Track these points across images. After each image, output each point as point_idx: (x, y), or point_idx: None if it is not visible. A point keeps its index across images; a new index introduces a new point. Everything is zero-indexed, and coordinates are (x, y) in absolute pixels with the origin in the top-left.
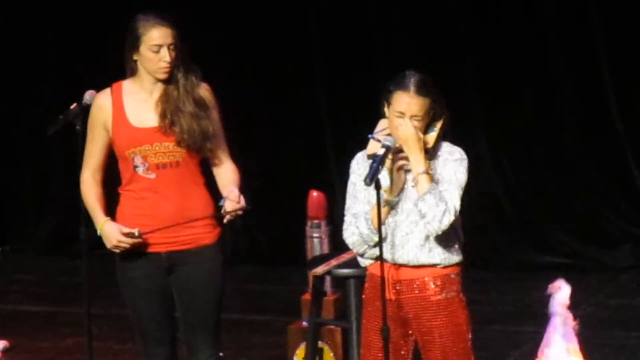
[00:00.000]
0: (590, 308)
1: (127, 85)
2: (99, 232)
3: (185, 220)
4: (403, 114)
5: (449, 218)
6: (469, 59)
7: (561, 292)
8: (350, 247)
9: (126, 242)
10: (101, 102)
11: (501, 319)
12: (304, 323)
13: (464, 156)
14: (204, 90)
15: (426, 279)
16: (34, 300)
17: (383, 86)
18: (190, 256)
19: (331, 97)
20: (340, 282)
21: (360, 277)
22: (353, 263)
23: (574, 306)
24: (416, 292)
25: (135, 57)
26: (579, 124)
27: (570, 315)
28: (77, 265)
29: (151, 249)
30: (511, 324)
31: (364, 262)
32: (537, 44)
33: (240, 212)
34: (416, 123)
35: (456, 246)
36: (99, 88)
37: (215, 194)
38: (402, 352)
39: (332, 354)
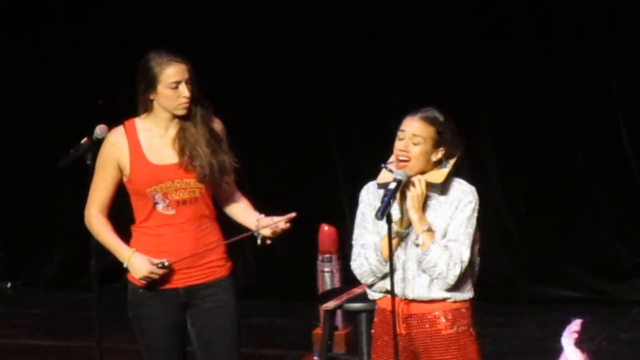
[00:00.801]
0: (602, 342)
1: (140, 123)
2: (125, 264)
3: (200, 253)
4: (404, 131)
5: (456, 272)
6: (479, 90)
7: (571, 327)
8: (358, 277)
9: (157, 272)
10: (115, 140)
11: (513, 353)
12: (316, 357)
13: (476, 196)
14: (216, 124)
15: (436, 313)
16: (44, 335)
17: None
18: (206, 289)
19: (342, 127)
20: (351, 316)
21: (372, 311)
22: (364, 297)
23: (586, 340)
24: (427, 326)
25: (152, 97)
26: (591, 157)
27: (582, 350)
28: (87, 298)
29: (168, 285)
30: (523, 358)
31: (373, 295)
32: (547, 75)
33: (280, 229)
34: (415, 147)
35: (469, 281)
36: (110, 123)
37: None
38: None
39: None
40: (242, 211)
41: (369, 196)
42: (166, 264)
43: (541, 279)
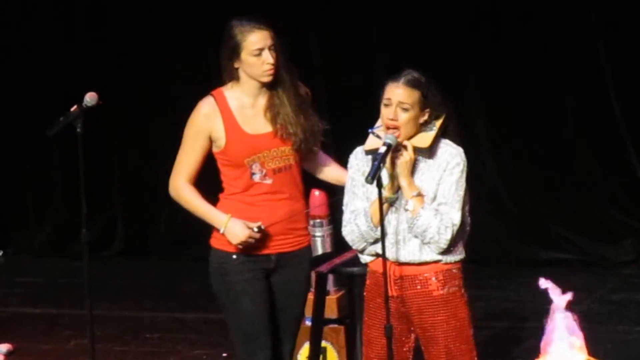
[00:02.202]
0: (593, 303)
1: (228, 93)
2: (222, 229)
3: (293, 220)
4: (390, 99)
5: (448, 236)
6: (469, 57)
7: (558, 290)
8: (350, 243)
9: (254, 236)
10: (207, 111)
11: (504, 315)
12: (308, 322)
13: (463, 158)
14: (302, 88)
15: (428, 274)
16: (35, 303)
17: (382, 83)
18: (293, 258)
19: (331, 91)
20: (343, 281)
21: (364, 275)
22: (356, 261)
23: (577, 301)
24: (418, 287)
25: (236, 65)
26: (580, 120)
27: (573, 311)
28: (78, 267)
29: (262, 251)
30: (514, 320)
31: (364, 258)
32: (536, 40)
33: None
34: (403, 114)
35: (460, 243)
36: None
37: None
38: (405, 349)
39: (335, 353)
40: (335, 171)
41: (357, 162)
42: (262, 227)
43: (532, 241)
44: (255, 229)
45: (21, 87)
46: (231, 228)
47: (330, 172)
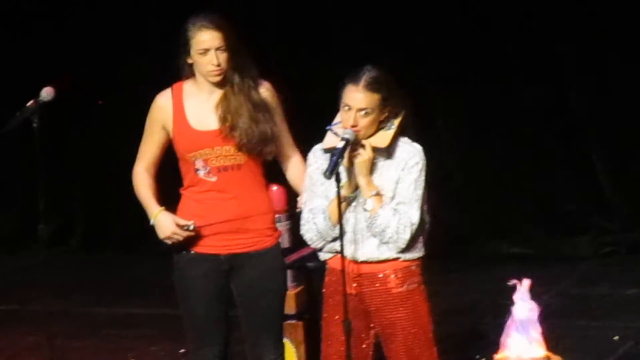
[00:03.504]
0: (551, 298)
1: (187, 87)
2: (152, 221)
3: (244, 221)
4: (349, 106)
5: (406, 236)
6: (429, 53)
7: (521, 285)
8: (308, 242)
9: (180, 234)
10: (162, 103)
11: (464, 310)
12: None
13: (422, 157)
14: (264, 90)
15: (387, 271)
16: None
17: (341, 80)
18: (250, 259)
19: (290, 89)
20: (301, 276)
21: (323, 271)
22: (315, 257)
23: (535, 296)
24: (377, 285)
25: (189, 61)
26: (542, 116)
27: (532, 306)
28: (36, 262)
29: (211, 250)
30: (474, 316)
31: (323, 256)
32: (494, 37)
33: None
34: (363, 119)
35: (420, 240)
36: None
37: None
38: (364, 346)
39: (294, 349)
40: (292, 177)
41: (316, 159)
42: (192, 227)
43: (492, 235)
44: (185, 227)
45: None
46: (159, 222)
47: (290, 175)
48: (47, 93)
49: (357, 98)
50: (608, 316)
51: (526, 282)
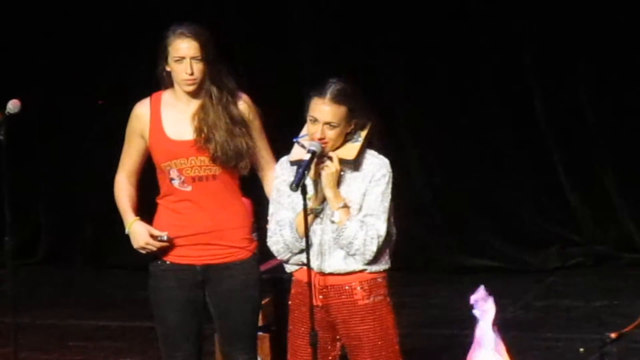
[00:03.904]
0: (517, 310)
1: (166, 96)
2: (127, 230)
3: (220, 232)
4: (316, 119)
5: (373, 248)
6: (395, 65)
7: (485, 300)
8: (275, 254)
9: (154, 244)
10: (139, 112)
11: (430, 322)
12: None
13: (389, 169)
14: (241, 103)
15: (353, 283)
16: None
17: (307, 92)
18: (225, 270)
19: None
20: (268, 288)
21: (290, 283)
22: (281, 269)
23: (502, 309)
24: (343, 297)
25: (167, 69)
26: (507, 129)
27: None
28: (1, 274)
29: (185, 261)
30: (440, 328)
31: (289, 268)
32: (461, 47)
33: None
34: (329, 131)
35: (386, 252)
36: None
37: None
38: (330, 358)
39: None
40: (268, 189)
41: (283, 172)
42: (165, 238)
43: (458, 248)
44: (159, 238)
45: None
46: (133, 231)
47: (268, 189)
48: (13, 105)
49: (323, 111)
50: (574, 328)
51: (488, 299)
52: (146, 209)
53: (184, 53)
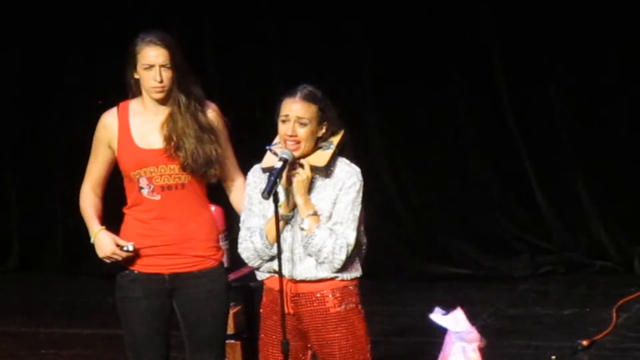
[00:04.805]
0: (489, 318)
1: (133, 105)
2: (92, 240)
3: (187, 242)
4: (287, 116)
5: (342, 257)
6: (367, 76)
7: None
8: (245, 261)
9: (119, 254)
10: (107, 122)
11: (401, 330)
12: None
13: (360, 178)
14: (210, 112)
15: (324, 291)
16: None
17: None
18: (193, 278)
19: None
20: (239, 296)
21: (261, 290)
22: (253, 276)
23: (473, 316)
24: (315, 304)
25: (136, 76)
26: (477, 136)
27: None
28: None
29: (153, 270)
30: (412, 335)
31: (261, 275)
32: (433, 56)
33: None
34: (301, 128)
35: (357, 260)
36: None
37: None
38: None
39: None
40: (235, 199)
41: (255, 179)
42: (131, 248)
43: (428, 256)
44: (125, 248)
45: None
46: (99, 241)
47: (233, 198)
48: None
49: (294, 108)
50: (545, 336)
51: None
52: (111, 220)
53: (153, 61)
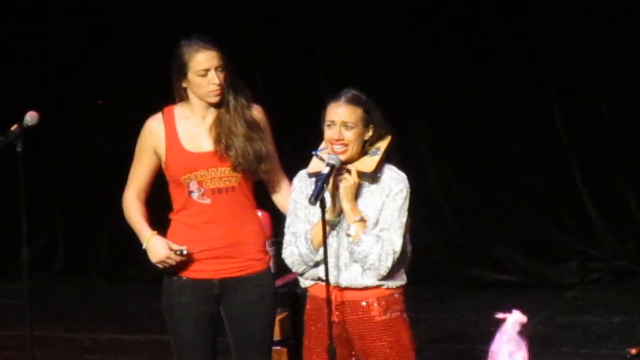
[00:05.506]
0: (537, 325)
1: (178, 110)
2: (144, 245)
3: (237, 246)
4: (332, 121)
5: (388, 263)
6: (413, 80)
7: (513, 317)
8: (289, 266)
9: (173, 258)
10: (153, 127)
11: (448, 337)
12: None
13: (407, 185)
14: (255, 112)
15: (370, 299)
16: None
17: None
18: (242, 283)
19: (274, 115)
20: (286, 302)
21: (305, 297)
22: (299, 283)
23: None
24: (360, 313)
25: (184, 84)
26: (527, 142)
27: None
28: (17, 287)
29: (203, 276)
30: (458, 343)
31: (304, 282)
32: (479, 61)
33: None
34: (348, 132)
35: (402, 268)
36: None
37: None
38: None
39: None
40: (282, 201)
41: (301, 184)
42: (185, 252)
43: (476, 262)
44: (178, 252)
45: None
46: (152, 246)
47: (278, 198)
48: (31, 117)
49: (339, 112)
50: (593, 343)
51: (514, 317)
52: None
53: (208, 65)
